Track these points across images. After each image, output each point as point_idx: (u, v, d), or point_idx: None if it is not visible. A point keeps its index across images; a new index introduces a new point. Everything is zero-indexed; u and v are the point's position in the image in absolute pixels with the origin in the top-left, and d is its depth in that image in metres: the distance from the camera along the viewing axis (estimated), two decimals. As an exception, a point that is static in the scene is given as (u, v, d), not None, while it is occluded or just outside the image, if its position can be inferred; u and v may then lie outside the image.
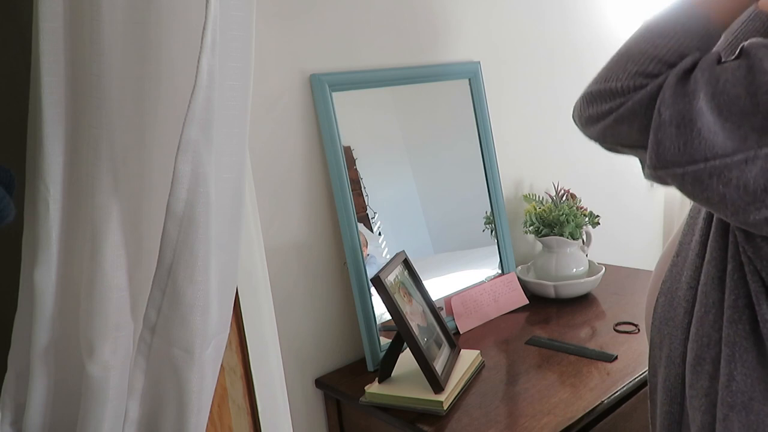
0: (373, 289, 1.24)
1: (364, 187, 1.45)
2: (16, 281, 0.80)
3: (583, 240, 1.74)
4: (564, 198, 1.76)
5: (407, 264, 1.38)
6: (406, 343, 1.22)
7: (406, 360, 1.27)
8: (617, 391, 1.21)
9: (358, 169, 1.44)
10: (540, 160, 1.92)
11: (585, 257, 1.74)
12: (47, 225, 0.75)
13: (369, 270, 1.37)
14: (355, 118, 1.44)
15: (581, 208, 1.73)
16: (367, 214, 1.46)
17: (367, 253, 1.42)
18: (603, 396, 1.19)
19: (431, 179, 1.63)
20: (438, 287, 1.55)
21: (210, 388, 0.79)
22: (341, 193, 1.37)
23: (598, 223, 1.74)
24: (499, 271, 1.71)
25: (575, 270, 1.69)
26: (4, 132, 0.91)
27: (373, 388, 1.25)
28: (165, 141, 0.71)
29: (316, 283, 1.42)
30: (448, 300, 1.55)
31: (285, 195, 1.36)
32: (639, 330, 1.44)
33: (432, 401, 1.18)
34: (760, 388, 0.73)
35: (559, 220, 1.68)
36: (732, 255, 0.76)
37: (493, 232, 1.70)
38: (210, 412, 0.82)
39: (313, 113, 1.38)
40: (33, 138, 0.77)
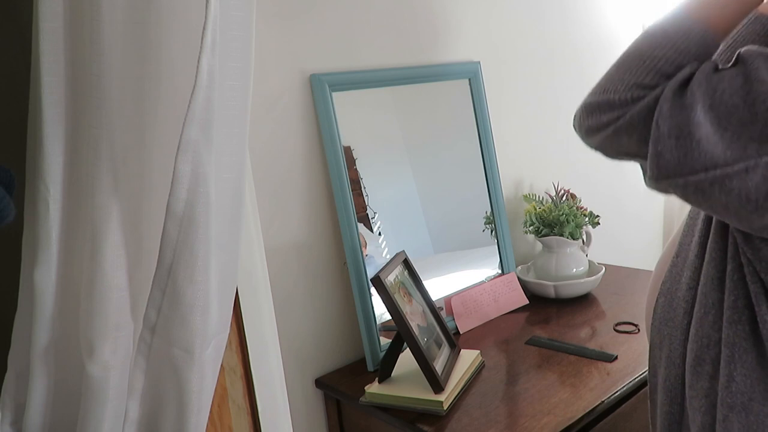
0: (373, 289, 1.24)
1: (364, 187, 1.45)
2: (16, 281, 0.80)
3: (583, 240, 1.74)
4: (564, 198, 1.76)
5: (407, 264, 1.38)
6: (406, 343, 1.22)
7: (406, 360, 1.27)
8: (617, 391, 1.21)
9: (358, 169, 1.44)
10: (540, 160, 1.92)
11: (585, 257, 1.74)
12: (47, 225, 0.75)
13: (369, 270, 1.37)
14: (355, 118, 1.44)
15: (581, 208, 1.73)
16: (367, 214, 1.45)
17: (367, 253, 1.42)
18: (603, 396, 1.19)
19: (431, 179, 1.63)
20: (438, 287, 1.55)
21: (210, 388, 0.79)
22: (341, 193, 1.37)
23: (598, 223, 1.74)
24: (499, 271, 1.71)
25: (575, 270, 1.69)
26: (4, 132, 0.91)
27: (373, 388, 1.25)
28: (165, 141, 0.71)
29: (316, 283, 1.42)
30: (448, 300, 1.55)
31: (285, 195, 1.36)
32: (639, 330, 1.44)
33: (432, 401, 1.18)
34: (759, 388, 0.74)
35: (559, 220, 1.68)
36: (731, 256, 0.76)
37: (493, 232, 1.70)
38: (210, 412, 0.82)
39: (313, 113, 1.38)
40: (33, 138, 0.77)
